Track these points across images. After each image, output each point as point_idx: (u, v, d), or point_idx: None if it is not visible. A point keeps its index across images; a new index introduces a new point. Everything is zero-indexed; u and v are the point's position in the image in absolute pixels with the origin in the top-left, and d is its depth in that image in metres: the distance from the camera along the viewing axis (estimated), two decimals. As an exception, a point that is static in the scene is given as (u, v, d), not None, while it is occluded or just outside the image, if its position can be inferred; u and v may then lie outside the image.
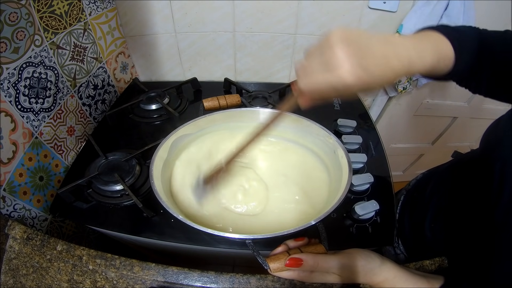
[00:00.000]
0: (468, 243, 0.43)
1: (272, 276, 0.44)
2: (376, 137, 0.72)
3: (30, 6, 0.53)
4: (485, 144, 0.43)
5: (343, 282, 0.38)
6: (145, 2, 0.78)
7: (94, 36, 0.73)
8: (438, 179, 0.57)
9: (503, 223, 0.34)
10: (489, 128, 0.42)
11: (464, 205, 0.46)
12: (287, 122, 0.57)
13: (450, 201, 0.50)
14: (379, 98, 1.05)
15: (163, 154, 0.51)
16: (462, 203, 0.47)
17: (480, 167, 0.42)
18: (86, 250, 0.48)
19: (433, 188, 0.56)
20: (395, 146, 1.31)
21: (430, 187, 0.57)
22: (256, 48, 0.89)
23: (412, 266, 0.47)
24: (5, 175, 0.50)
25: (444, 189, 0.53)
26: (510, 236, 0.33)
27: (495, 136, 0.40)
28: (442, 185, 0.55)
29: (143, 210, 0.54)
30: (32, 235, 0.49)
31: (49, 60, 0.59)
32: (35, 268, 0.47)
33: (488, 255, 0.36)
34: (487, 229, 0.37)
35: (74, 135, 0.70)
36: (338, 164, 0.49)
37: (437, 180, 0.57)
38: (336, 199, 0.41)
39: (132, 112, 0.79)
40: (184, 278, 0.45)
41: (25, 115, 0.55)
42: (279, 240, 0.40)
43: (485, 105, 1.11)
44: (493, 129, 0.42)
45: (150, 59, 0.92)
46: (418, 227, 0.55)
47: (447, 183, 0.54)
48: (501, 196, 0.35)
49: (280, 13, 0.80)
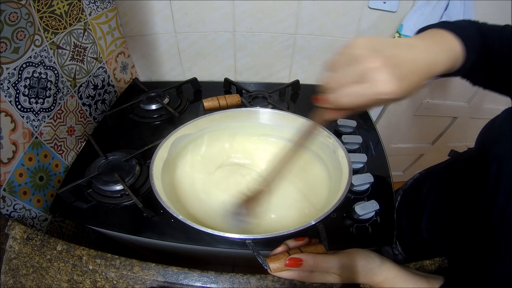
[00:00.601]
0: (465, 243, 0.43)
1: (272, 276, 0.44)
2: (376, 137, 0.72)
3: (30, 6, 0.53)
4: (481, 144, 0.43)
5: (343, 282, 0.38)
6: (145, 2, 0.78)
7: (94, 36, 0.73)
8: (434, 179, 0.57)
9: (499, 223, 0.34)
10: (485, 127, 0.43)
11: (460, 205, 0.46)
12: (287, 122, 0.57)
13: (447, 201, 0.50)
14: (379, 98, 1.05)
15: (163, 154, 0.51)
16: (458, 203, 0.47)
17: (476, 167, 0.42)
18: (86, 250, 0.48)
19: (430, 188, 0.56)
20: (395, 146, 1.31)
21: (426, 187, 0.57)
22: (256, 48, 0.89)
23: (412, 266, 0.47)
24: (5, 175, 0.50)
25: (440, 188, 0.53)
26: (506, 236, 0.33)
27: (491, 135, 0.40)
28: (438, 185, 0.55)
29: (143, 210, 0.54)
30: (32, 235, 0.49)
31: (49, 60, 0.59)
32: (35, 268, 0.47)
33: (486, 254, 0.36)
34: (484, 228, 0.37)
35: (74, 135, 0.70)
36: (338, 164, 0.49)
37: (434, 180, 0.57)
38: (336, 199, 0.41)
39: (132, 112, 0.79)
40: (184, 278, 0.45)
41: (25, 115, 0.55)
42: (279, 240, 0.40)
43: (485, 105, 1.11)
44: (489, 129, 0.42)
45: (150, 59, 0.92)
46: (415, 227, 0.55)
47: (444, 183, 0.54)
48: (497, 196, 0.35)
49: (280, 13, 0.80)
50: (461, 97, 1.09)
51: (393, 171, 0.64)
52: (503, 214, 0.34)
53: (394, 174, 1.07)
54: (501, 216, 0.34)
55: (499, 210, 0.34)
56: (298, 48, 0.88)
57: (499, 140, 0.37)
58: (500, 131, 0.38)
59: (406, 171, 1.51)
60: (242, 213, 0.42)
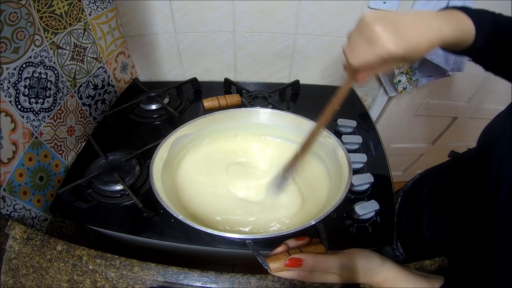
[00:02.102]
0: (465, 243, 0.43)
1: (272, 276, 0.44)
2: (376, 137, 0.72)
3: (30, 6, 0.53)
4: (482, 144, 0.43)
5: (343, 282, 0.38)
6: (145, 2, 0.78)
7: (94, 36, 0.73)
8: (435, 180, 0.57)
9: (499, 222, 0.34)
10: (486, 127, 0.43)
11: (461, 205, 0.46)
12: (287, 122, 0.57)
13: (448, 201, 0.50)
14: (379, 98, 1.05)
15: (164, 154, 0.51)
16: (459, 203, 0.47)
17: (477, 167, 0.42)
18: (86, 250, 0.48)
19: (430, 188, 0.56)
20: (395, 146, 1.31)
21: (427, 188, 0.57)
22: (256, 48, 0.89)
23: (412, 266, 0.47)
24: (5, 175, 0.50)
25: (441, 189, 0.53)
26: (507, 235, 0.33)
27: (492, 135, 0.40)
28: (439, 186, 0.55)
29: (143, 210, 0.54)
30: (32, 235, 0.49)
31: (49, 60, 0.59)
32: (35, 268, 0.47)
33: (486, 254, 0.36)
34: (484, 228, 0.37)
35: (74, 135, 0.70)
36: (338, 164, 0.49)
37: (434, 181, 0.57)
38: (336, 199, 0.41)
39: (132, 112, 0.79)
40: (184, 278, 0.45)
41: (25, 115, 0.55)
42: (279, 240, 0.40)
43: (485, 105, 1.11)
44: (490, 129, 0.42)
45: (150, 59, 0.92)
46: (416, 228, 0.55)
47: (444, 184, 0.54)
48: (497, 196, 0.35)
49: (280, 13, 0.80)
50: (461, 97, 1.09)
51: (393, 171, 0.64)
52: (503, 213, 0.34)
53: (394, 174, 1.07)
54: (502, 216, 0.34)
55: (500, 210, 0.34)
56: (298, 48, 0.88)
57: (499, 140, 0.37)
58: (500, 130, 0.38)
59: (406, 171, 1.51)
60: (283, 177, 0.48)
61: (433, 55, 0.82)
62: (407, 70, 0.91)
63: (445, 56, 0.81)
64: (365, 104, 0.85)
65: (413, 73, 0.92)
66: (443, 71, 0.86)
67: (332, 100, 0.40)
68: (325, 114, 0.41)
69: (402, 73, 0.91)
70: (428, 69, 0.90)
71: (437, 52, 0.82)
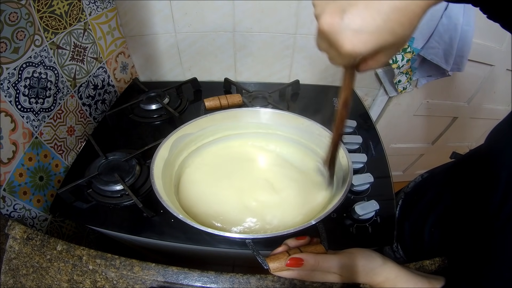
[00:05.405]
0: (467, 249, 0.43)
1: (272, 276, 0.44)
2: (376, 137, 0.72)
3: (30, 6, 0.53)
4: (489, 147, 0.42)
5: (343, 281, 0.38)
6: (145, 2, 0.78)
7: (94, 36, 0.73)
8: (438, 183, 0.57)
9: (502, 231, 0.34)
10: (495, 129, 0.41)
11: (465, 209, 0.46)
12: (288, 122, 0.57)
13: (452, 205, 0.50)
14: (379, 98, 1.05)
15: (164, 153, 0.51)
16: (463, 207, 0.47)
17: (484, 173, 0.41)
18: (86, 250, 0.47)
19: (433, 192, 0.56)
20: (395, 146, 1.31)
21: (430, 191, 0.57)
22: (256, 48, 0.89)
23: (412, 266, 0.47)
24: (5, 175, 0.50)
25: (444, 193, 0.53)
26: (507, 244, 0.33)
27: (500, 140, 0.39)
28: (442, 189, 0.54)
29: (143, 210, 0.54)
30: (32, 235, 0.49)
31: (49, 60, 0.59)
32: (35, 268, 0.47)
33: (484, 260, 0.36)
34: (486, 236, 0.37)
35: (74, 135, 0.70)
36: (338, 164, 0.49)
37: (437, 184, 0.57)
38: (336, 199, 0.41)
39: (132, 112, 0.79)
40: (184, 278, 0.45)
41: (25, 115, 0.55)
42: (279, 240, 0.40)
43: (485, 105, 1.11)
44: (498, 132, 0.40)
45: (150, 59, 0.92)
46: (418, 231, 0.55)
47: (448, 187, 0.53)
48: (505, 204, 0.34)
49: (280, 13, 0.80)
50: (461, 97, 1.09)
51: (393, 171, 0.64)
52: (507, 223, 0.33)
53: (394, 174, 1.07)
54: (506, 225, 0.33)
55: (505, 219, 0.34)
56: (298, 48, 0.88)
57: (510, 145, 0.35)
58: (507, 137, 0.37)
59: (406, 171, 1.51)
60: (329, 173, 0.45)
61: (433, 55, 0.82)
62: (407, 70, 0.91)
63: (445, 55, 0.81)
64: (365, 104, 0.85)
65: (413, 73, 0.92)
66: (443, 71, 0.86)
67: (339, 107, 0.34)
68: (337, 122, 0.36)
69: (402, 73, 0.91)
70: (428, 69, 0.90)
71: (437, 52, 0.82)
